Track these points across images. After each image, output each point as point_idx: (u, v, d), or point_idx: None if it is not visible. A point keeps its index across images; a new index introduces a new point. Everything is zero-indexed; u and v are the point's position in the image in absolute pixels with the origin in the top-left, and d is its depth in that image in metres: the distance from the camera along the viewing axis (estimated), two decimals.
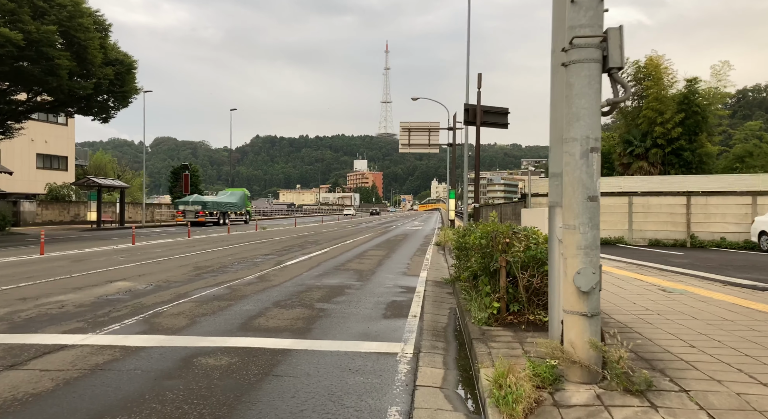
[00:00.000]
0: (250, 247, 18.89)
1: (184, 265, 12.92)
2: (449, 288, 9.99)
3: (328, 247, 19.30)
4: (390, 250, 18.68)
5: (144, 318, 6.86)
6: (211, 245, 19.79)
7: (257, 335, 6.08)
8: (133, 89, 27.16)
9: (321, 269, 12.58)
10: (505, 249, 6.36)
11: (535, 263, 6.15)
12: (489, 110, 13.10)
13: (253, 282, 10.24)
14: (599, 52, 4.18)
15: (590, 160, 4.19)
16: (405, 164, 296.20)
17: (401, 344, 5.81)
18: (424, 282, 10.75)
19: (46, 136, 41.62)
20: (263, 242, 21.76)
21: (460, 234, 8.98)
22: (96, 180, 35.12)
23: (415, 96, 42.47)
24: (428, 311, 7.75)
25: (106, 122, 27.71)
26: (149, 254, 15.75)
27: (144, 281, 10.11)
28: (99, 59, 23.47)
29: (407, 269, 13.13)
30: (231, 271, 11.94)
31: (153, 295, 8.62)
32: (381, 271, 12.51)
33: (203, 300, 8.21)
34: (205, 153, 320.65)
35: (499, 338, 5.54)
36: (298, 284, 10.19)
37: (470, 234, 7.93)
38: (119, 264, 12.96)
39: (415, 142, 38.59)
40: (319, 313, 7.41)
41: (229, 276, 11.02)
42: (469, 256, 7.97)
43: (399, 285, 10.28)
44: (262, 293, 8.94)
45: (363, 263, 14.10)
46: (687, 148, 33.76)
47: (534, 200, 21.78)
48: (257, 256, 15.54)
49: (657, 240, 19.57)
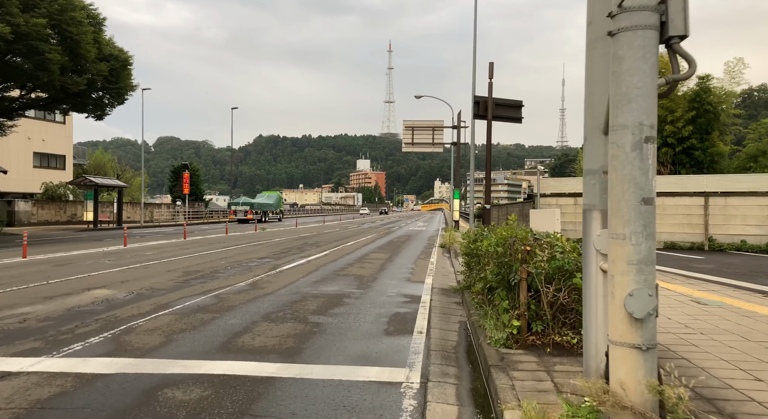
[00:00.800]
0: (247, 249, 18.08)
1: (173, 270, 12.10)
2: (457, 297, 9.15)
3: (328, 249, 18.48)
4: (393, 253, 17.84)
5: (113, 335, 6.04)
6: (207, 247, 18.98)
7: (239, 357, 5.25)
8: (128, 86, 26.37)
9: (319, 275, 11.75)
10: (526, 259, 5.51)
11: (561, 275, 5.30)
12: (501, 103, 12.19)
13: (244, 290, 9.41)
14: (656, 16, 3.33)
15: (645, 152, 3.33)
16: (408, 164, 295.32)
17: (406, 370, 4.98)
18: (430, 290, 9.91)
19: (44, 134, 40.90)
20: (261, 244, 20.95)
21: (470, 239, 8.14)
22: (93, 179, 34.37)
23: (418, 95, 41.67)
24: (436, 325, 6.92)
25: (101, 119, 26.93)
26: (139, 257, 14.95)
27: (125, 289, 9.29)
28: (92, 54, 22.68)
29: (411, 274, 12.29)
30: (222, 277, 11.11)
31: (131, 306, 7.80)
32: (383, 277, 11.68)
33: (185, 312, 7.39)
34: (208, 153, 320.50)
35: (522, 365, 4.69)
36: (292, 292, 9.36)
37: (482, 239, 7.09)
38: (104, 269, 12.15)
39: (418, 141, 37.75)
40: (313, 329, 6.58)
41: (219, 283, 10.20)
42: (482, 264, 7.13)
43: (402, 294, 9.45)
44: (251, 304, 8.11)
45: (364, 268, 13.27)
46: (698, 147, 32.83)
47: (543, 200, 20.91)
48: (252, 259, 14.72)
49: (673, 243, 18.67)
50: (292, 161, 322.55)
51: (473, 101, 12.26)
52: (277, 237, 25.09)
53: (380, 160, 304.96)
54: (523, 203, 24.10)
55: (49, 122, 41.38)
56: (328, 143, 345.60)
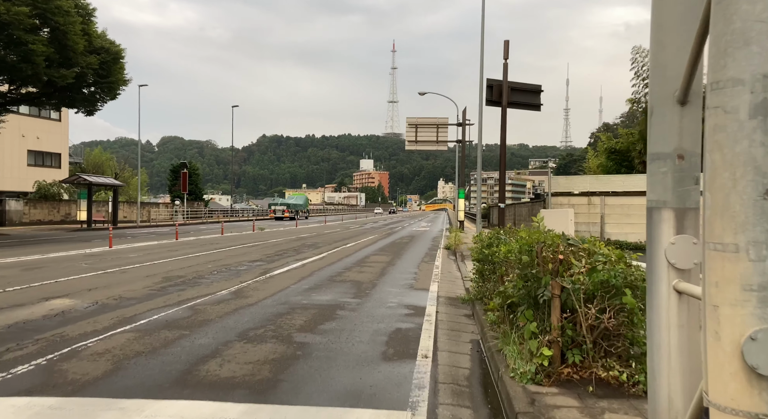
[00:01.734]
0: (240, 251, 16.99)
1: (153, 275, 11.00)
2: (467, 309, 8.04)
3: (326, 251, 17.37)
4: (395, 255, 16.73)
5: (49, 362, 4.94)
6: (198, 249, 17.90)
7: (196, 394, 4.15)
8: (120, 80, 25.30)
9: (313, 281, 10.65)
10: (558, 270, 4.40)
11: (605, 291, 4.18)
12: (517, 87, 11.03)
13: (225, 300, 8.31)
14: None
15: None
16: (411, 164, 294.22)
17: (407, 414, 3.87)
18: (436, 300, 8.80)
19: (38, 132, 39.90)
20: (256, 245, 19.86)
21: (484, 243, 7.01)
22: (86, 178, 33.38)
23: (422, 92, 40.61)
24: (444, 346, 5.81)
25: (91, 114, 25.89)
26: (121, 260, 13.87)
27: (90, 298, 8.20)
28: (81, 46, 21.63)
29: (414, 280, 11.18)
30: (205, 283, 10.02)
31: (87, 321, 6.70)
32: (383, 283, 10.56)
33: (149, 329, 6.29)
34: (211, 152, 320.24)
35: (560, 412, 3.57)
36: (280, 302, 8.25)
37: (499, 244, 5.98)
38: (76, 273, 11.07)
39: (422, 138, 36.63)
40: (297, 351, 5.47)
41: (200, 291, 9.10)
42: (498, 273, 6.02)
43: (404, 304, 8.33)
44: (229, 318, 7.01)
45: (363, 272, 12.16)
46: None
47: (554, 199, 19.77)
48: (243, 263, 13.63)
49: None
50: (295, 160, 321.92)
51: (486, 85, 11.04)
52: (274, 238, 24.01)
53: (384, 160, 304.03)
54: (532, 203, 22.97)
55: (44, 119, 40.39)
56: (331, 143, 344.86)
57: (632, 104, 35.95)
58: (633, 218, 18.46)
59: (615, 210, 18.93)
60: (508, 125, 12.29)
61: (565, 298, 4.29)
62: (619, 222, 18.84)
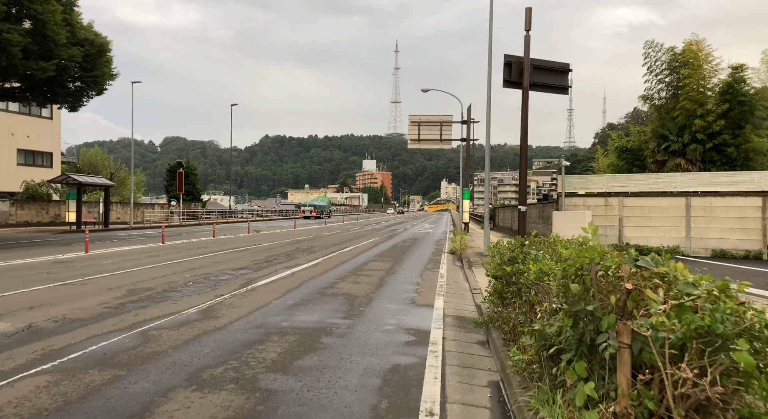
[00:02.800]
0: (226, 257, 15.61)
1: (117, 287, 9.62)
2: (480, 334, 6.65)
3: (321, 257, 15.98)
4: (396, 261, 15.33)
5: None
6: (182, 254, 16.52)
7: None
8: (107, 74, 23.91)
9: (300, 294, 9.26)
10: (626, 305, 2.99)
11: (703, 342, 2.77)
12: (541, 65, 9.50)
13: (189, 322, 6.92)
14: None
15: None
16: (414, 165, 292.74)
17: None
18: (442, 320, 7.41)
19: (28, 130, 38.61)
20: (247, 249, 18.48)
21: (504, 256, 5.58)
22: (76, 177, 32.04)
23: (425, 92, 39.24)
24: (455, 394, 4.42)
25: (75, 110, 24.52)
26: (90, 268, 12.50)
27: (24, 320, 6.82)
28: (62, 37, 20.28)
29: (417, 293, 9.78)
30: (173, 298, 8.64)
31: (0, 355, 5.32)
32: (381, 297, 9.17)
33: (74, 368, 4.91)
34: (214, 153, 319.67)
35: None
36: (254, 324, 6.86)
37: (528, 260, 4.59)
38: (30, 285, 9.70)
39: (425, 137, 35.21)
40: (257, 406, 4.08)
41: (163, 309, 7.71)
42: (526, 297, 4.61)
43: (404, 327, 6.93)
44: (185, 350, 5.62)
45: (359, 283, 10.77)
46: (731, 143, 30.08)
47: (568, 200, 18.31)
48: (226, 271, 12.25)
49: (723, 251, 16.06)
50: (298, 161, 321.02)
51: (504, 62, 9.50)
52: (268, 241, 22.62)
53: (386, 160, 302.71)
54: (543, 204, 21.50)
55: (34, 117, 39.08)
56: (334, 144, 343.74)
57: (644, 101, 34.43)
58: (655, 221, 17.01)
59: (635, 212, 17.47)
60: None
61: (639, 349, 2.89)
62: (639, 225, 17.38)
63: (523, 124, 10.79)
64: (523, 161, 11.32)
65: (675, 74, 32.13)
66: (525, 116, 10.71)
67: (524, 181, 11.78)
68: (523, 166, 11.51)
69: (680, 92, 31.99)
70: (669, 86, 32.66)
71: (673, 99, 32.67)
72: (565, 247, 4.39)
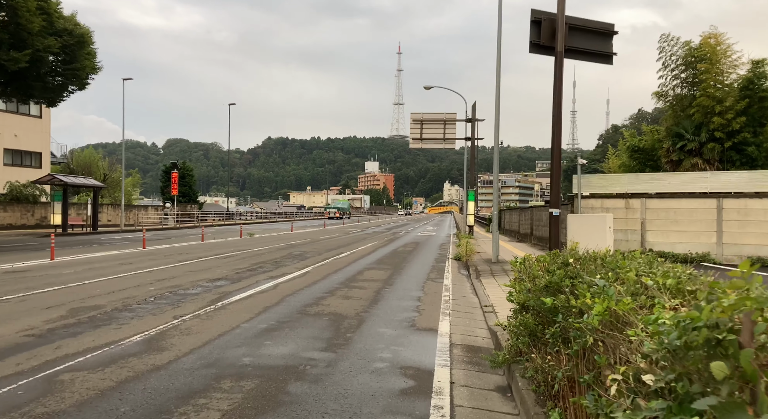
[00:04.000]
0: (207, 265, 14.06)
1: (59, 305, 8.07)
2: (499, 373, 5.09)
3: (312, 265, 14.43)
4: (395, 270, 13.76)
5: None
6: (159, 261, 14.99)
7: None
8: (89, 67, 22.42)
9: (277, 314, 7.70)
10: None
11: None
12: (579, 25, 7.73)
13: (123, 357, 5.37)
14: None
15: None
16: (417, 166, 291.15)
17: None
18: (449, 352, 5.85)
19: (16, 129, 37.13)
20: (233, 255, 16.93)
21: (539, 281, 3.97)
22: (61, 178, 30.57)
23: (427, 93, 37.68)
24: None
25: (53, 105, 23.06)
26: (43, 279, 10.96)
27: None
28: (36, 25, 18.79)
29: (417, 312, 8.21)
30: (120, 320, 7.09)
31: None
32: (373, 319, 7.60)
33: None
34: (217, 155, 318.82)
35: None
36: (206, 362, 5.30)
37: (581, 290, 3.02)
38: None
39: (428, 136, 33.64)
40: None
41: (97, 337, 6.17)
42: (578, 345, 3.03)
43: (400, 365, 5.37)
44: (92, 408, 4.06)
45: (350, 298, 9.21)
46: (751, 142, 28.44)
47: (584, 202, 16.71)
48: (200, 282, 10.70)
49: (760, 258, 14.39)
50: (300, 163, 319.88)
51: (531, 19, 7.72)
52: (259, 245, 21.07)
53: (389, 162, 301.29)
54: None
55: (22, 115, 37.60)
56: (336, 145, 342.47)
57: (658, 98, 32.80)
58: (681, 225, 15.39)
59: (659, 215, 15.84)
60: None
61: None
62: (663, 229, 15.76)
63: (555, 100, 9.03)
64: (557, 147, 9.49)
65: (691, 70, 30.53)
66: (558, 90, 8.89)
67: (557, 173, 10.13)
68: (556, 154, 9.74)
69: (697, 89, 30.40)
70: (684, 82, 31.04)
71: (690, 95, 31.07)
72: (646, 271, 2.84)
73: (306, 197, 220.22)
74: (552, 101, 8.70)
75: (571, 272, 3.60)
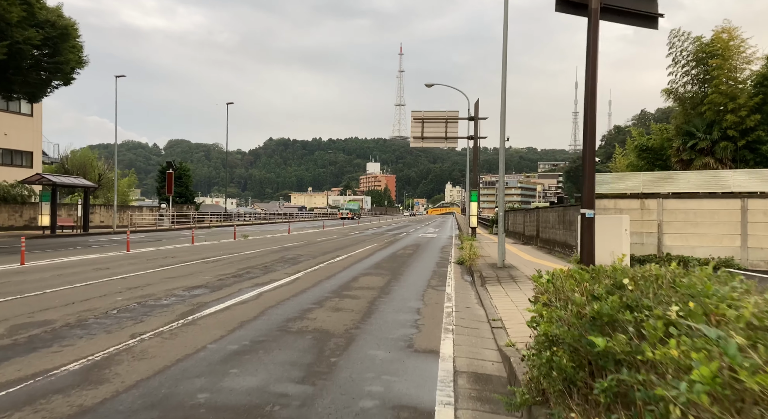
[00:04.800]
0: (189, 270, 13.00)
1: (1, 320, 7.01)
2: (516, 416, 4.01)
3: (304, 270, 13.36)
4: (393, 276, 12.68)
5: None
6: (139, 265, 13.93)
7: None
8: (73, 61, 21.40)
9: (253, 331, 6.63)
10: None
11: None
12: None
13: (45, 395, 4.30)
14: None
15: None
16: (418, 167, 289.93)
17: None
18: (453, 384, 4.78)
19: (6, 127, 36.09)
20: (220, 259, 15.87)
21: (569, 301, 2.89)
22: (50, 178, 29.57)
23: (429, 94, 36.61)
24: None
25: (35, 100, 22.13)
26: (1, 288, 9.91)
27: None
28: (15, 16, 17.76)
29: (416, 328, 7.13)
30: (67, 339, 6.02)
31: None
32: (365, 336, 6.52)
33: None
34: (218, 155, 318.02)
35: None
36: (150, 401, 4.23)
37: (646, 326, 1.93)
38: None
39: (429, 134, 32.54)
40: None
41: (27, 364, 5.10)
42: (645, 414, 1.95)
43: (393, 404, 4.29)
44: None
45: (340, 310, 8.14)
46: (766, 140, 27.32)
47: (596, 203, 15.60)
48: (176, 291, 9.63)
49: None
50: (302, 164, 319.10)
51: None
52: (251, 248, 20.00)
53: (390, 163, 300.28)
54: (564, 207, 18.81)
55: (12, 113, 36.59)
56: (338, 146, 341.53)
57: (668, 95, 31.67)
58: (702, 227, 14.29)
59: (677, 216, 14.74)
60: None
61: None
62: (682, 232, 14.65)
63: (589, 72, 7.77)
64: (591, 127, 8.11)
65: (703, 66, 29.40)
66: (593, 59, 7.59)
67: (592, 165, 8.98)
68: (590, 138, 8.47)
69: (708, 85, 29.28)
70: (695, 79, 29.92)
71: (701, 93, 29.96)
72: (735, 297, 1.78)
73: (307, 198, 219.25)
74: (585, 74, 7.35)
75: (629, 298, 2.52)
